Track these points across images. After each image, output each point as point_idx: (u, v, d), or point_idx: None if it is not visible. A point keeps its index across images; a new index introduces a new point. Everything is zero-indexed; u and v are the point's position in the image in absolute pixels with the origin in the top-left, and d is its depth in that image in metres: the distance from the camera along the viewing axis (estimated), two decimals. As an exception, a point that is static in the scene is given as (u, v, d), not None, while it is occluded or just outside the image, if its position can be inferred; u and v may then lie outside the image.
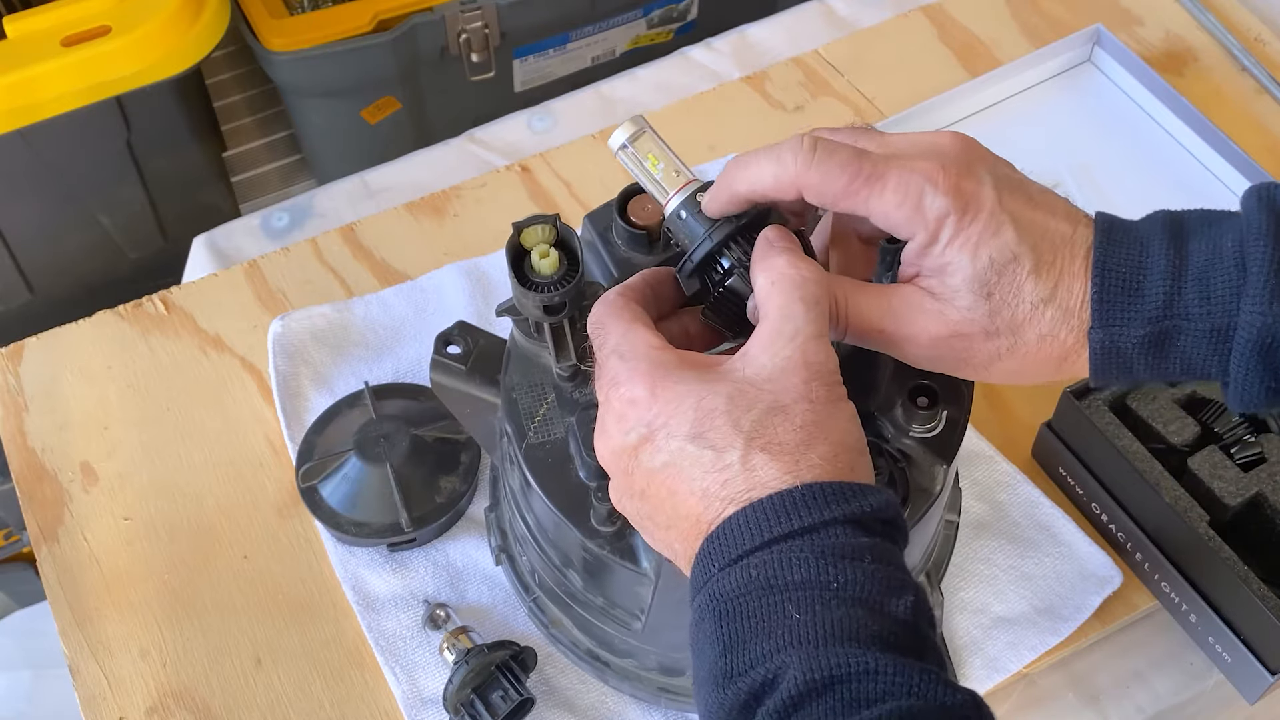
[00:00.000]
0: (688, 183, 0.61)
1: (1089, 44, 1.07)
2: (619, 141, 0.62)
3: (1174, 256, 0.55)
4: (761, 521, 0.49)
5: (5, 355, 0.93)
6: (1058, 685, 0.81)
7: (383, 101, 1.58)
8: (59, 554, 0.84)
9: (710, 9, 1.70)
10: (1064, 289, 0.55)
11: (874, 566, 0.48)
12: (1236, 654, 0.78)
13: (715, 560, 0.50)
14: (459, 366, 0.72)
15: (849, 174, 0.56)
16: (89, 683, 0.80)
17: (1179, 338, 0.55)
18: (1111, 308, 0.55)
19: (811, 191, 0.57)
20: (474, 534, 0.84)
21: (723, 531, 0.50)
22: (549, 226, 0.65)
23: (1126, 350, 0.55)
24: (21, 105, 1.30)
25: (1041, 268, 0.55)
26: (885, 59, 1.10)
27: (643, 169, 0.62)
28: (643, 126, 0.62)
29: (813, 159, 0.56)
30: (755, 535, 0.49)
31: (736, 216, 0.59)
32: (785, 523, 0.49)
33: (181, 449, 0.88)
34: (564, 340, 0.67)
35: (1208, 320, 0.54)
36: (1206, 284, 0.54)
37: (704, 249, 0.59)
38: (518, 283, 0.65)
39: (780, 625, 0.47)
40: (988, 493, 0.85)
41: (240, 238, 1.03)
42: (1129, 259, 0.55)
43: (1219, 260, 0.54)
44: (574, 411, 0.67)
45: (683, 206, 0.60)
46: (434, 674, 0.78)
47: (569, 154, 1.03)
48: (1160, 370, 0.56)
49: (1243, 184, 0.98)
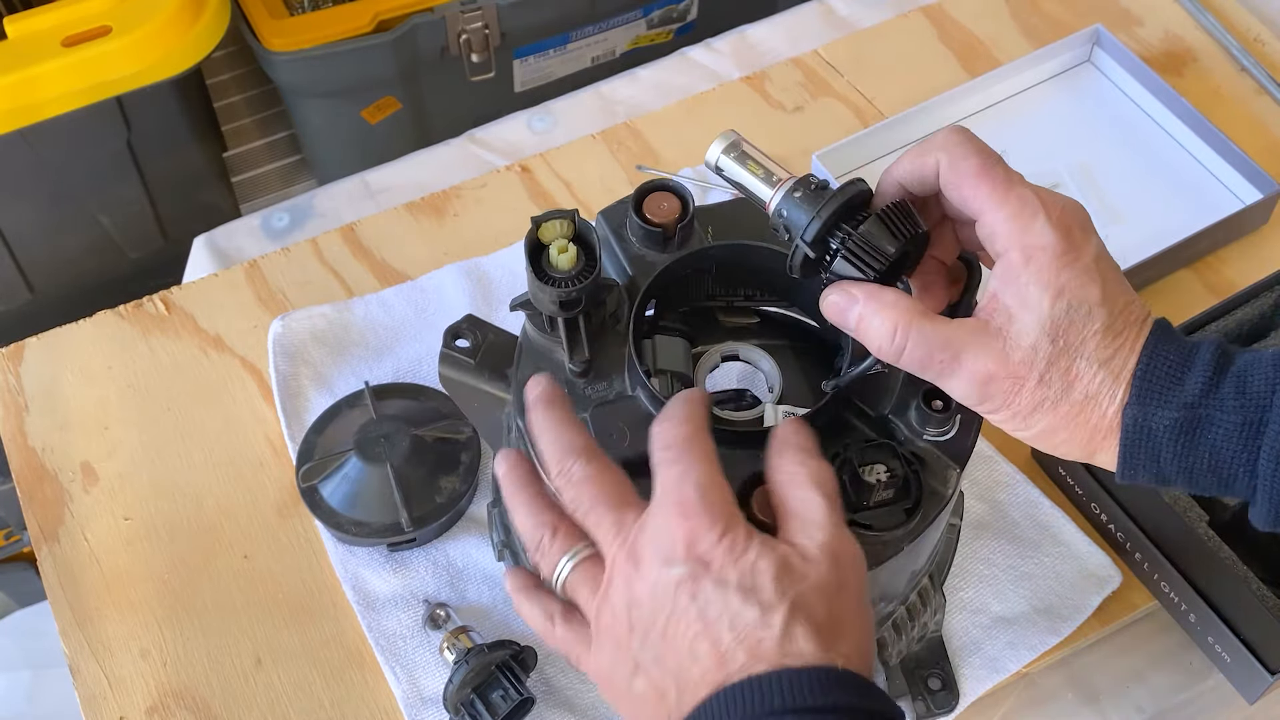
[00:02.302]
0: (786, 179, 0.62)
1: (1089, 44, 1.07)
2: (716, 154, 0.64)
3: (1219, 356, 0.56)
4: (800, 689, 0.50)
5: (5, 355, 0.93)
6: (1057, 685, 0.81)
7: (383, 101, 1.58)
8: (59, 554, 0.84)
9: (710, 9, 1.70)
10: (1120, 359, 0.56)
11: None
12: (1236, 654, 0.78)
13: (740, 709, 0.50)
14: (468, 360, 0.72)
15: (985, 160, 0.58)
16: (89, 682, 0.80)
17: (1210, 428, 0.55)
18: (1151, 388, 0.56)
19: (949, 159, 0.58)
20: (474, 534, 0.84)
21: (754, 685, 0.51)
22: (567, 221, 0.66)
23: (1157, 433, 0.56)
24: (22, 105, 1.30)
25: (1110, 331, 0.56)
26: (885, 59, 1.10)
27: (743, 174, 0.64)
28: (734, 138, 0.64)
29: (960, 135, 0.59)
30: (791, 699, 0.50)
31: (839, 193, 0.60)
32: (823, 696, 0.50)
33: (182, 449, 0.89)
34: (578, 336, 0.68)
35: (1240, 413, 0.55)
36: (1244, 381, 0.55)
37: (813, 229, 0.60)
38: (535, 277, 0.65)
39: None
40: (987, 493, 0.85)
41: (240, 238, 1.03)
42: (1178, 352, 0.56)
43: (1258, 362, 0.56)
44: (586, 408, 0.67)
45: (784, 202, 0.61)
46: (434, 674, 0.79)
47: (569, 154, 1.04)
48: (1187, 462, 0.56)
49: (1242, 184, 0.98)
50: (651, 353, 0.69)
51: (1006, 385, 0.57)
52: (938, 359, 0.58)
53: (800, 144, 1.04)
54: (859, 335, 0.60)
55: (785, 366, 0.71)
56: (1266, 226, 0.99)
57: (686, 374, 0.69)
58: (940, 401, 0.65)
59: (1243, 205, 0.98)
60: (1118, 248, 0.94)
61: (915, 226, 0.60)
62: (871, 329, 0.59)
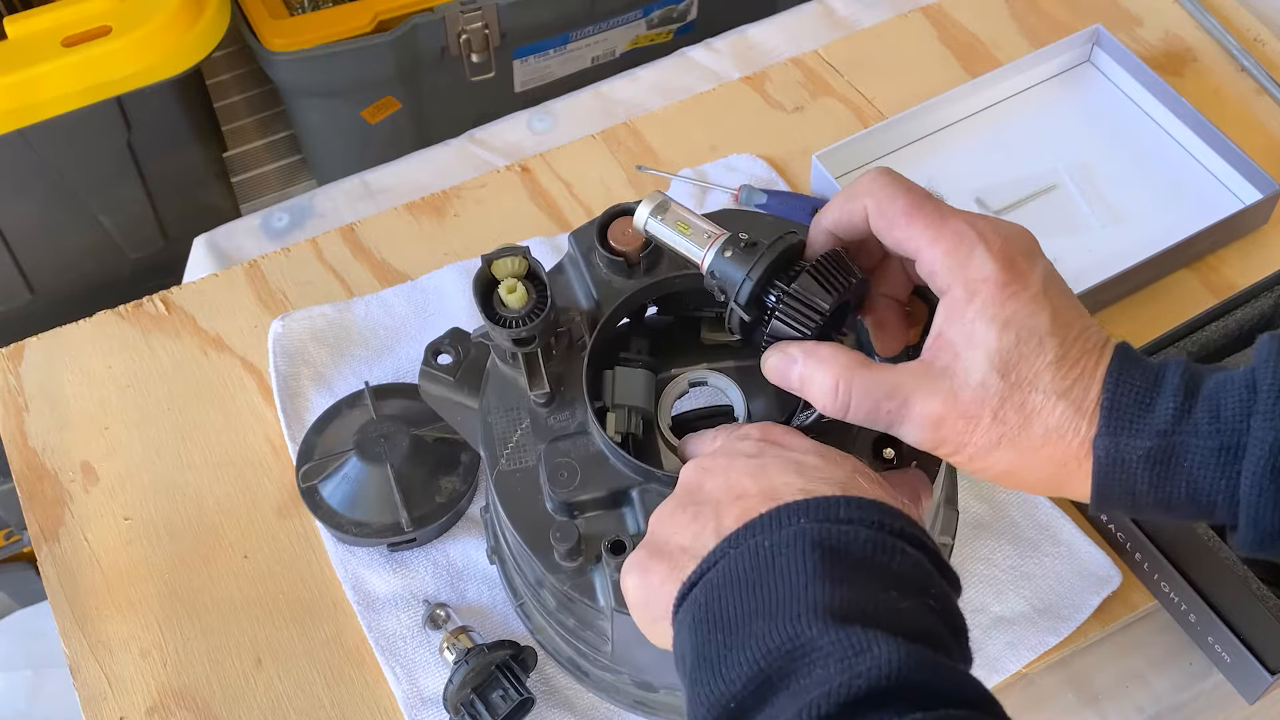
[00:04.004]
0: (716, 237, 0.62)
1: (1088, 44, 1.07)
2: (644, 217, 0.64)
3: (1187, 378, 0.54)
4: (869, 508, 0.51)
5: (5, 355, 0.93)
6: (1057, 685, 0.81)
7: (383, 101, 1.58)
8: (59, 554, 0.84)
9: (710, 9, 1.70)
10: (1080, 389, 0.54)
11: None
12: (1236, 654, 0.78)
13: (805, 514, 0.51)
14: (447, 378, 0.72)
15: (914, 199, 0.57)
16: (89, 682, 0.80)
17: (1186, 455, 0.53)
18: (1120, 416, 0.54)
19: (876, 203, 0.57)
20: (474, 534, 0.84)
21: (825, 502, 0.52)
22: (519, 259, 0.65)
23: (1131, 464, 0.54)
24: (22, 105, 1.30)
25: (1065, 361, 0.54)
26: (885, 59, 1.10)
27: (671, 236, 0.63)
28: (661, 199, 0.64)
29: (885, 178, 0.58)
30: (860, 514, 0.51)
31: (770, 248, 0.60)
32: (894, 523, 0.51)
33: (182, 449, 0.89)
34: (537, 368, 0.67)
35: (1216, 438, 0.53)
36: (1216, 404, 0.53)
37: (746, 289, 0.60)
38: (485, 317, 0.64)
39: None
40: (987, 492, 0.85)
41: (240, 238, 1.03)
42: (1144, 377, 0.54)
43: (1229, 384, 0.53)
44: (547, 439, 0.66)
45: (717, 260, 0.61)
46: (434, 674, 0.79)
47: (569, 154, 1.04)
48: (1164, 491, 0.54)
49: (1242, 184, 0.98)
50: (610, 385, 0.68)
51: (960, 425, 0.55)
52: (884, 408, 0.57)
53: (800, 144, 1.04)
54: (803, 394, 0.59)
55: (759, 390, 0.69)
56: (1266, 226, 0.99)
57: (646, 408, 0.68)
58: (891, 450, 0.64)
59: (1243, 205, 0.98)
60: (1118, 248, 0.95)
61: (849, 276, 0.59)
62: (814, 386, 0.58)
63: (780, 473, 0.54)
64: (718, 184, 0.99)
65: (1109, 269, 0.91)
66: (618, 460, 0.65)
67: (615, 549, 0.62)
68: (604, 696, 0.76)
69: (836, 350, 0.58)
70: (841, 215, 0.59)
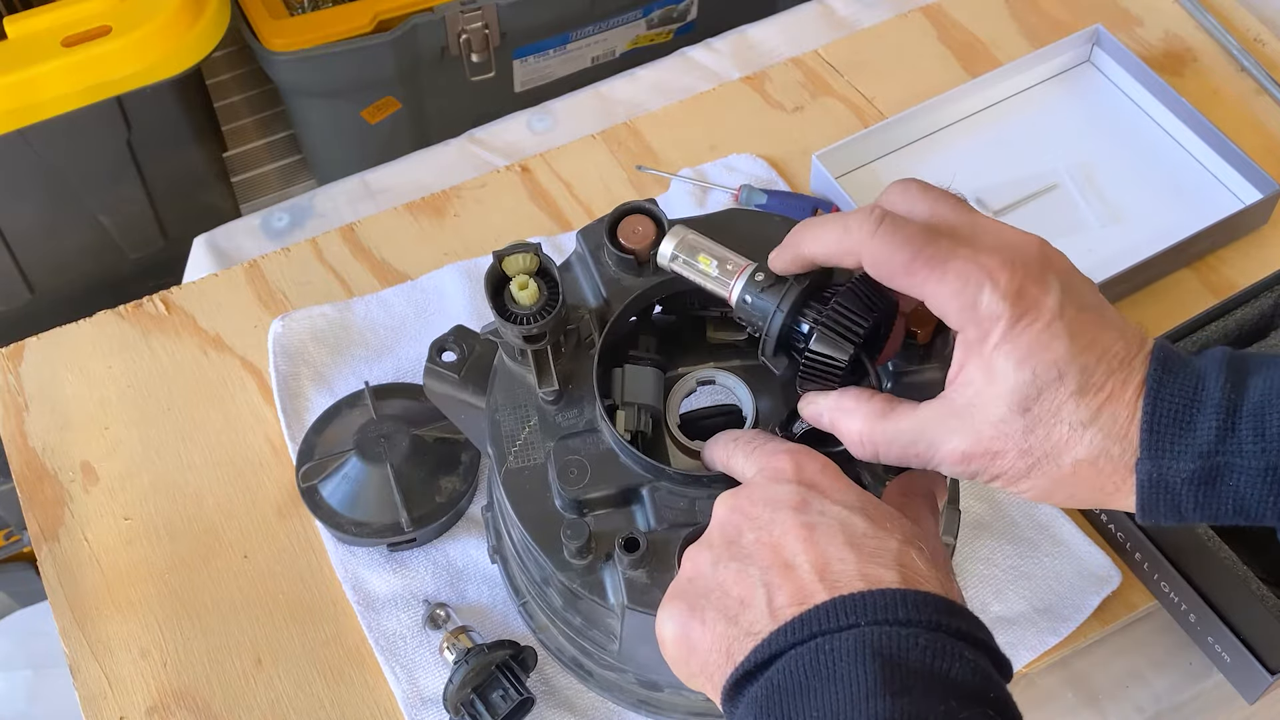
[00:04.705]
0: (742, 269, 0.63)
1: (1088, 44, 1.07)
2: (668, 253, 0.65)
3: (1230, 392, 0.52)
4: (926, 607, 0.50)
5: (5, 355, 0.93)
6: (1057, 685, 0.81)
7: (383, 101, 1.58)
8: (59, 554, 0.84)
9: (710, 9, 1.71)
10: (1109, 414, 0.53)
11: None
12: (1236, 654, 0.78)
13: (864, 614, 0.50)
14: (452, 375, 0.72)
15: (911, 251, 0.55)
16: (89, 682, 0.80)
17: (1231, 475, 0.52)
18: (1161, 439, 0.52)
19: (872, 263, 0.56)
20: (474, 534, 0.84)
21: (884, 600, 0.50)
22: (531, 255, 0.65)
23: (1175, 485, 0.53)
24: (22, 105, 1.30)
25: (1088, 390, 0.53)
26: (885, 59, 1.10)
27: (698, 271, 0.64)
28: (683, 234, 0.65)
29: (878, 230, 0.56)
30: (919, 613, 0.50)
31: (798, 279, 0.61)
32: (952, 621, 0.50)
33: (181, 449, 0.89)
34: (546, 365, 0.67)
35: (1262, 458, 0.51)
36: (1262, 421, 0.51)
37: (778, 321, 0.60)
38: (496, 313, 0.64)
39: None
40: (987, 492, 0.85)
41: (240, 238, 1.03)
42: (1183, 391, 0.53)
43: (1274, 397, 0.52)
44: (555, 436, 0.66)
45: (746, 291, 0.62)
46: (434, 674, 0.79)
47: (569, 154, 1.04)
48: (1211, 510, 0.53)
49: (1242, 184, 0.98)
50: (620, 383, 0.68)
51: (986, 460, 0.55)
52: (912, 453, 0.57)
53: (800, 144, 1.04)
54: (839, 437, 0.60)
55: (766, 389, 0.70)
56: (1266, 226, 0.99)
57: (656, 406, 0.68)
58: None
59: (1243, 205, 0.98)
60: (1118, 248, 0.95)
61: (884, 296, 0.60)
62: (843, 435, 0.60)
63: (830, 541, 0.53)
64: (718, 184, 0.99)
65: (1109, 269, 0.91)
66: (628, 458, 0.65)
67: (629, 546, 0.62)
68: (608, 696, 0.76)
69: (859, 401, 0.59)
70: (831, 255, 0.59)
